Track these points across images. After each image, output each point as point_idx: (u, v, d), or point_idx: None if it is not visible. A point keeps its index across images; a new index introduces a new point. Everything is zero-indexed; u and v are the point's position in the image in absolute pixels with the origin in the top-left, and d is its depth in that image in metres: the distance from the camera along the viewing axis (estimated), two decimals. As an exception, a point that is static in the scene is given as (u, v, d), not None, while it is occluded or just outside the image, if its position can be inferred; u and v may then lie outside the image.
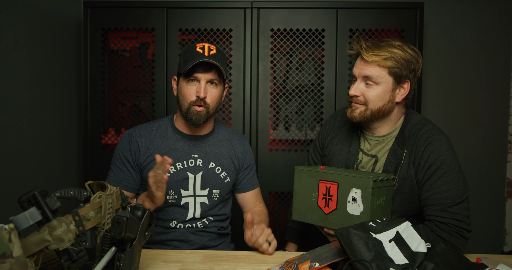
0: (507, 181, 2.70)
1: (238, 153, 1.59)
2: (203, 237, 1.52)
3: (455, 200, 1.26)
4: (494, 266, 1.13)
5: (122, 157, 1.49)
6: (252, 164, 1.64)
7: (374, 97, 1.33)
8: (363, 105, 1.35)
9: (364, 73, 1.33)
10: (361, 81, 1.35)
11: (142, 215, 1.00)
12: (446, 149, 1.30)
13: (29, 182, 1.91)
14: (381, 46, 1.32)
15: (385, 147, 1.40)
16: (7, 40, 1.76)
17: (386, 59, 1.30)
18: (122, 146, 1.50)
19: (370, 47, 1.32)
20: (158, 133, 1.50)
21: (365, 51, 1.32)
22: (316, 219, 1.33)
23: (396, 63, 1.30)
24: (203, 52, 1.41)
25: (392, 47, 1.31)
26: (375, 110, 1.34)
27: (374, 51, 1.31)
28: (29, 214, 0.73)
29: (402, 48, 1.32)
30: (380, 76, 1.32)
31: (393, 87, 1.34)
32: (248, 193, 1.62)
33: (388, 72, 1.32)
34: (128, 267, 0.98)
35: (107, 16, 2.21)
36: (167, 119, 1.55)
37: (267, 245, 1.29)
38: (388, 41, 1.34)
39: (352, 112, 1.38)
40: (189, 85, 1.42)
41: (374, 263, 1.04)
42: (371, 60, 1.31)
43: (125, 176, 1.48)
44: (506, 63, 2.65)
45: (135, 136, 1.49)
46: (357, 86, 1.36)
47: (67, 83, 2.31)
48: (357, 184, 1.24)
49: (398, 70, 1.31)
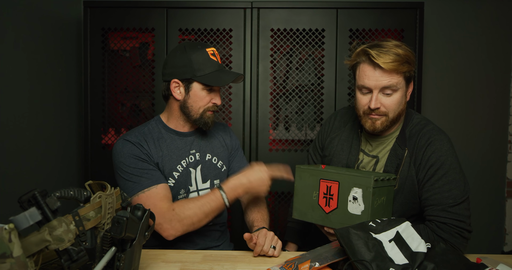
0: (507, 181, 2.70)
1: (226, 140, 1.61)
2: (207, 237, 1.52)
3: (456, 200, 1.25)
4: (494, 266, 1.13)
5: (141, 160, 1.39)
6: (238, 147, 1.66)
7: (394, 105, 1.30)
8: (383, 116, 1.32)
9: (383, 84, 1.27)
10: (379, 92, 1.29)
11: (142, 215, 1.00)
12: (447, 149, 1.30)
13: (29, 182, 1.91)
14: (388, 51, 1.25)
15: (386, 147, 1.40)
16: (7, 40, 1.76)
17: (401, 65, 1.25)
18: (132, 151, 1.39)
19: (379, 55, 1.24)
20: (154, 136, 1.47)
21: (379, 60, 1.24)
22: (317, 218, 1.33)
23: (409, 66, 1.28)
24: (217, 60, 1.43)
25: (396, 48, 1.26)
26: (394, 117, 1.33)
27: (386, 58, 1.24)
28: (29, 214, 0.73)
29: (404, 48, 1.28)
30: (399, 82, 1.28)
31: (406, 89, 1.33)
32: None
33: (404, 77, 1.29)
34: (128, 267, 0.98)
35: (107, 16, 2.21)
36: (154, 122, 1.51)
37: (273, 250, 1.28)
38: (387, 44, 1.27)
39: (373, 124, 1.33)
40: (207, 93, 1.43)
41: (374, 263, 1.04)
42: (389, 68, 1.24)
43: (158, 173, 1.40)
44: (506, 63, 2.65)
45: (137, 141, 1.42)
46: (376, 98, 1.29)
47: (67, 83, 2.31)
48: (358, 183, 1.24)
49: (411, 70, 1.30)
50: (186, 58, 1.40)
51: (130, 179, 1.37)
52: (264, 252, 1.28)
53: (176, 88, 1.44)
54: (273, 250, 1.28)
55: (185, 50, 1.41)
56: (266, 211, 1.56)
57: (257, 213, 1.51)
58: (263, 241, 1.28)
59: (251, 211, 1.54)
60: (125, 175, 1.38)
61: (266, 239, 1.29)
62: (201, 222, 1.37)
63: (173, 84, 1.43)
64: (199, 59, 1.40)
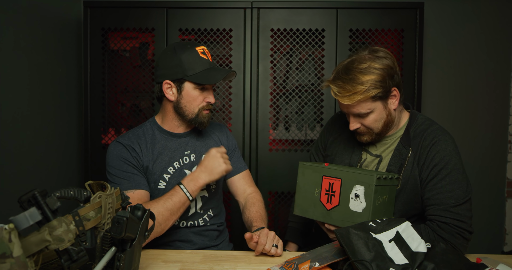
0: (507, 181, 2.70)
1: (222, 141, 1.61)
2: (204, 237, 1.52)
3: (458, 201, 1.25)
4: (494, 266, 1.13)
5: (128, 163, 1.41)
6: (235, 148, 1.65)
7: (374, 123, 1.34)
8: (367, 132, 1.37)
9: (352, 112, 1.33)
10: (354, 116, 1.35)
11: (142, 215, 1.00)
12: (451, 150, 1.30)
13: (29, 182, 1.91)
14: (351, 80, 1.26)
15: (389, 147, 1.40)
16: (7, 40, 1.76)
17: (363, 93, 1.26)
18: (121, 153, 1.42)
19: (339, 91, 1.28)
20: (147, 138, 1.47)
21: (339, 97, 1.28)
22: (318, 214, 1.33)
23: (375, 90, 1.27)
24: (207, 58, 1.43)
25: (362, 74, 1.26)
26: (380, 130, 1.36)
27: (347, 91, 1.26)
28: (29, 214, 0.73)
29: (371, 69, 1.26)
30: (370, 107, 1.31)
31: (384, 105, 1.33)
32: (236, 176, 1.61)
33: (373, 100, 1.30)
34: (128, 267, 0.98)
35: (107, 16, 2.21)
36: (149, 124, 1.52)
37: (275, 249, 1.28)
38: (355, 68, 1.28)
39: (360, 137, 1.39)
40: (199, 92, 1.43)
41: (374, 263, 1.04)
42: (351, 104, 1.29)
43: (142, 179, 1.43)
44: (506, 63, 2.65)
45: (129, 144, 1.44)
46: (353, 121, 1.36)
47: (67, 83, 2.31)
48: (361, 180, 1.24)
49: (382, 91, 1.28)
50: (176, 58, 1.40)
51: (113, 180, 1.40)
52: (266, 251, 1.28)
53: (168, 89, 1.43)
54: (275, 249, 1.28)
55: (174, 51, 1.41)
56: (264, 210, 1.56)
57: (255, 213, 1.51)
58: (265, 240, 1.28)
59: (249, 210, 1.53)
60: (110, 176, 1.42)
61: (267, 238, 1.29)
62: (168, 221, 1.34)
63: (165, 85, 1.43)
64: (189, 59, 1.40)
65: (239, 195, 1.61)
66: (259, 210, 1.53)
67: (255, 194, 1.61)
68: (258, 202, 1.57)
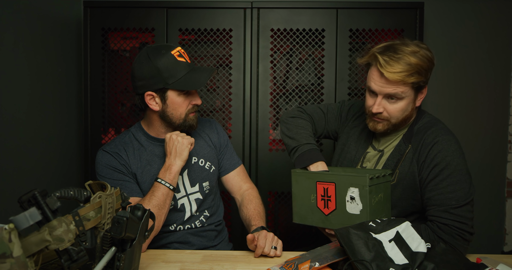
0: (507, 181, 2.70)
1: (213, 139, 1.57)
2: (202, 238, 1.51)
3: (459, 202, 1.24)
4: (494, 266, 1.13)
5: (117, 171, 1.40)
6: (227, 143, 1.61)
7: (398, 112, 1.31)
8: (386, 120, 1.33)
9: (387, 91, 1.27)
10: (383, 98, 1.30)
11: (142, 215, 1.00)
12: (454, 150, 1.28)
13: (29, 182, 1.91)
14: (399, 59, 1.23)
15: (392, 143, 1.40)
16: (7, 40, 1.76)
17: (409, 76, 1.23)
18: (109, 162, 1.40)
19: (388, 63, 1.23)
20: (134, 145, 1.45)
21: (385, 69, 1.23)
22: (317, 220, 1.33)
23: (419, 77, 1.25)
24: (185, 60, 1.37)
25: (410, 56, 1.23)
26: (397, 122, 1.34)
27: (394, 67, 1.22)
28: (29, 214, 0.73)
29: (419, 56, 1.24)
30: (405, 92, 1.27)
31: (414, 97, 1.31)
32: (231, 173, 1.59)
33: (411, 87, 1.27)
34: (128, 267, 0.98)
35: (107, 16, 2.21)
36: (135, 129, 1.49)
37: (274, 251, 1.28)
38: (403, 49, 1.25)
39: (374, 125, 1.35)
40: (184, 97, 1.39)
41: (374, 263, 1.04)
42: (393, 79, 1.23)
43: (134, 185, 1.41)
44: (506, 63, 2.65)
45: (115, 151, 1.42)
46: (379, 103, 1.30)
47: (67, 83, 2.31)
48: (354, 183, 1.23)
49: (423, 80, 1.27)
50: (152, 67, 1.32)
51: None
52: (265, 253, 1.28)
53: (151, 100, 1.38)
54: (274, 251, 1.28)
55: (149, 59, 1.33)
56: (262, 206, 1.54)
57: (253, 210, 1.49)
58: (264, 243, 1.28)
59: (246, 208, 1.51)
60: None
61: (266, 240, 1.29)
62: (159, 216, 1.32)
63: (148, 97, 1.37)
64: (167, 65, 1.32)
65: (235, 192, 1.59)
66: (257, 208, 1.51)
67: (252, 190, 1.58)
68: (255, 199, 1.55)
